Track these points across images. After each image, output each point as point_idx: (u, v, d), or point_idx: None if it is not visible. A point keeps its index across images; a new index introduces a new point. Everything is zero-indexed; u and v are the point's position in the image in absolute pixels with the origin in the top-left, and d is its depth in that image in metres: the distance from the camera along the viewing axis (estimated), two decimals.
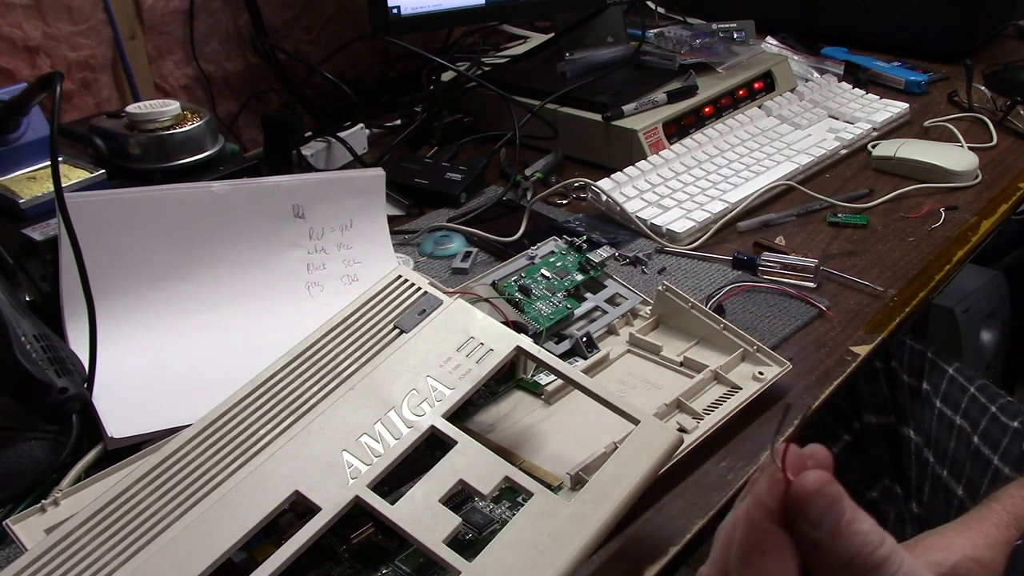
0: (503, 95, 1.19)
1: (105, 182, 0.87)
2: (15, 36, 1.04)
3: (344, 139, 1.19)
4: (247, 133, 1.30)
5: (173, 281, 0.83)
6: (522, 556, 0.56)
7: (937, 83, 1.43)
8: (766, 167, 1.13)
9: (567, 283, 0.88)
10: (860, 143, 1.22)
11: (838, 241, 1.02)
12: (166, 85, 1.21)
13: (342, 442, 0.61)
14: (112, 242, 0.80)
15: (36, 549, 0.54)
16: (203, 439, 0.61)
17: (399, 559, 0.63)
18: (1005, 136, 1.25)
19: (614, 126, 1.17)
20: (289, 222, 0.88)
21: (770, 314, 0.89)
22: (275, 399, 0.63)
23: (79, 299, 0.74)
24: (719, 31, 1.37)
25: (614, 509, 0.59)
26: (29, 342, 0.70)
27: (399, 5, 1.14)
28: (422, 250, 1.01)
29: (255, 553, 0.61)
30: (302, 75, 1.27)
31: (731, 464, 0.72)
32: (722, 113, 1.26)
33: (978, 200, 1.10)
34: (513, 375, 0.79)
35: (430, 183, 1.12)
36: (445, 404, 0.64)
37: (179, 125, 0.91)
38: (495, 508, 0.66)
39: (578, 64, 1.28)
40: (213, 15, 1.23)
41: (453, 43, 1.45)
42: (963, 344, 1.69)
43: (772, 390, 0.77)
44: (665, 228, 1.02)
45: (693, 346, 0.82)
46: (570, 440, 0.72)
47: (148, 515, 0.57)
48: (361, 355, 0.67)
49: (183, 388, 0.77)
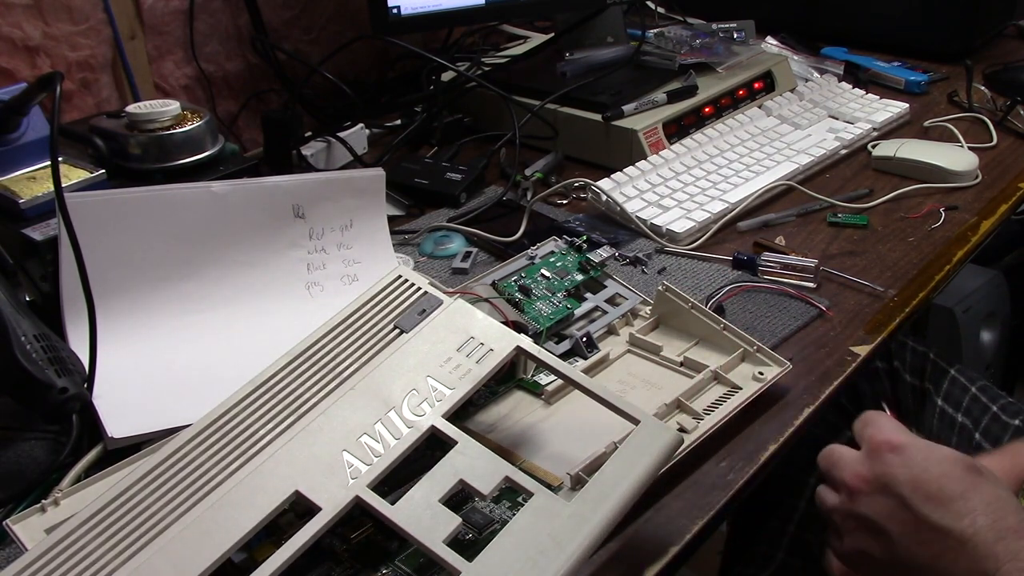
0: (503, 95, 1.19)
1: (105, 182, 0.87)
2: (15, 36, 1.04)
3: (344, 139, 1.19)
4: (247, 133, 1.30)
5: (173, 281, 0.83)
6: (522, 556, 0.56)
7: (937, 83, 1.43)
8: (766, 167, 1.13)
9: (567, 283, 0.88)
10: (860, 143, 1.22)
11: (838, 241, 1.02)
12: (166, 85, 1.21)
13: (342, 442, 0.61)
14: (112, 242, 0.80)
15: (36, 549, 0.54)
16: (203, 439, 0.61)
17: (399, 559, 0.63)
18: (1005, 136, 1.25)
19: (614, 126, 1.17)
20: (289, 222, 0.88)
21: (770, 314, 0.89)
22: (275, 399, 0.63)
23: (79, 299, 0.74)
24: (719, 31, 1.37)
25: (614, 509, 0.59)
26: (29, 342, 0.70)
27: (399, 5, 1.14)
28: (422, 250, 1.01)
29: (255, 553, 0.62)
30: (302, 75, 1.27)
31: (731, 464, 0.72)
32: (722, 113, 1.26)
33: (978, 200, 1.10)
34: (513, 375, 0.79)
35: (430, 183, 1.12)
36: (445, 404, 0.64)
37: (179, 125, 0.91)
38: (495, 508, 0.66)
39: (578, 64, 1.28)
40: (213, 15, 1.23)
41: (453, 43, 1.45)
42: (963, 344, 1.69)
43: (772, 390, 0.77)
44: (665, 228, 1.02)
45: (693, 346, 0.82)
46: (570, 440, 0.72)
47: (148, 515, 0.57)
48: (361, 355, 0.67)
49: (183, 388, 0.77)
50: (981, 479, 0.59)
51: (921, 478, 0.59)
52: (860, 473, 0.62)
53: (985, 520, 0.57)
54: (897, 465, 0.60)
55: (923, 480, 0.59)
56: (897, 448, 0.61)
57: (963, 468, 0.59)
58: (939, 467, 0.59)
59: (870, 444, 0.62)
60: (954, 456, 0.60)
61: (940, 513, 0.58)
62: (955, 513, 0.57)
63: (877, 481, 0.61)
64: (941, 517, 0.58)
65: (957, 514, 0.57)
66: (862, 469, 0.62)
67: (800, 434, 0.76)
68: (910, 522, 0.59)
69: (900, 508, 0.59)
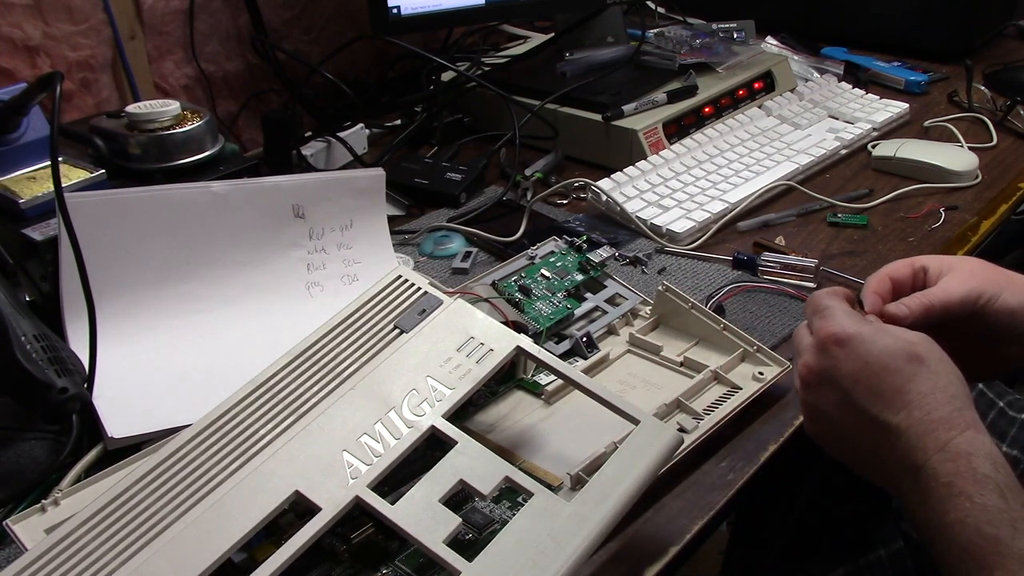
0: (503, 95, 1.19)
1: (105, 182, 0.87)
2: (15, 36, 1.04)
3: (344, 139, 1.19)
4: (247, 133, 1.30)
5: (173, 281, 0.83)
6: (522, 556, 0.56)
7: (937, 83, 1.43)
8: (766, 167, 1.13)
9: (567, 283, 0.88)
10: (860, 143, 1.22)
11: (838, 241, 1.02)
12: (166, 85, 1.21)
13: (342, 442, 0.61)
14: (112, 242, 0.80)
15: (36, 549, 0.54)
16: (203, 439, 0.61)
17: (399, 559, 0.63)
18: (1005, 136, 1.25)
19: (614, 126, 1.17)
20: (289, 222, 0.88)
21: (770, 314, 0.89)
22: (275, 399, 0.63)
23: (79, 299, 0.74)
24: (719, 31, 1.37)
25: (614, 509, 0.59)
26: (29, 342, 0.70)
27: (399, 5, 1.14)
28: (422, 250, 1.01)
29: (255, 553, 0.61)
30: (302, 75, 1.27)
31: (731, 464, 0.72)
32: (722, 113, 1.26)
33: (978, 200, 1.10)
34: (513, 375, 0.79)
35: (430, 183, 1.12)
36: (445, 404, 0.64)
37: (179, 125, 0.91)
38: (495, 508, 0.66)
39: (578, 64, 1.28)
40: (213, 15, 1.23)
41: (453, 43, 1.45)
42: None
43: (772, 390, 0.77)
44: (665, 228, 1.02)
45: (693, 346, 0.82)
46: (570, 440, 0.72)
47: (148, 515, 0.57)
48: (361, 355, 0.67)
49: (183, 388, 0.77)
50: (921, 368, 0.60)
51: (863, 372, 0.60)
52: (809, 364, 0.64)
53: (919, 413, 0.58)
54: (841, 359, 0.61)
55: (864, 374, 0.60)
56: (842, 341, 0.62)
57: (904, 359, 0.60)
58: (880, 360, 0.60)
59: (818, 335, 0.63)
60: (896, 347, 0.60)
61: (879, 407, 0.59)
62: (892, 407, 0.59)
63: (823, 374, 0.63)
64: (880, 411, 0.59)
65: (894, 408, 0.59)
66: (811, 360, 0.64)
67: (800, 434, 0.76)
68: (853, 413, 0.61)
69: (843, 401, 0.61)
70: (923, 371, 0.60)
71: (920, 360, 0.60)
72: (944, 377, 0.60)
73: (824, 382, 0.63)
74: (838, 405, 0.62)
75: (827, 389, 0.63)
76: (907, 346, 0.61)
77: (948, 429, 0.57)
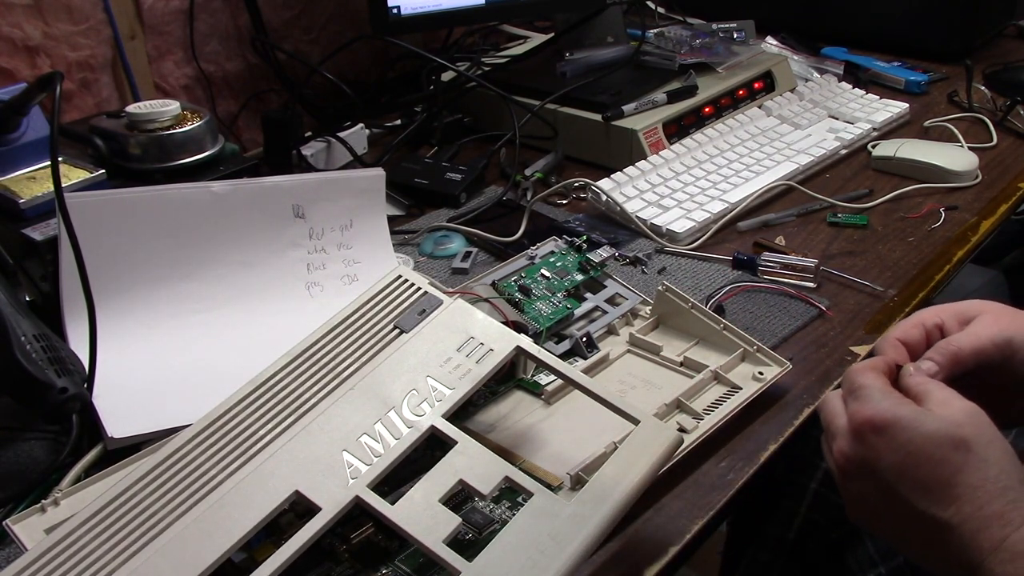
0: (503, 95, 1.19)
1: (105, 182, 0.87)
2: (15, 36, 1.04)
3: (344, 139, 1.19)
4: (247, 133, 1.30)
5: (173, 281, 0.83)
6: (522, 556, 0.56)
7: (937, 83, 1.43)
8: (766, 167, 1.13)
9: (567, 283, 0.88)
10: (860, 143, 1.22)
11: (838, 241, 1.02)
12: (166, 85, 1.21)
13: (342, 442, 0.61)
14: (112, 242, 0.80)
15: (36, 549, 0.54)
16: (203, 439, 0.61)
17: (399, 559, 0.63)
18: (1005, 136, 1.25)
19: (614, 126, 1.17)
20: (289, 222, 0.88)
21: (770, 314, 0.89)
22: (275, 399, 0.63)
23: (79, 299, 0.74)
24: (719, 31, 1.37)
25: (614, 509, 0.59)
26: (29, 342, 0.70)
27: (399, 5, 1.14)
28: (422, 250, 1.01)
29: (255, 553, 0.61)
30: (302, 75, 1.27)
31: (731, 464, 0.72)
32: (722, 113, 1.26)
33: (978, 200, 1.10)
34: (513, 375, 0.79)
35: (430, 183, 1.12)
36: (445, 404, 0.64)
37: (179, 125, 0.91)
38: (495, 508, 0.66)
39: (578, 64, 1.28)
40: (213, 15, 1.23)
41: (453, 43, 1.45)
42: None
43: (772, 390, 0.77)
44: (665, 228, 1.02)
45: (693, 346, 0.82)
46: (570, 440, 0.72)
47: (148, 515, 0.57)
48: (361, 355, 0.67)
49: (183, 388, 0.77)
50: (969, 457, 0.56)
51: (905, 464, 0.57)
52: (845, 452, 0.59)
53: (970, 508, 0.55)
54: (880, 448, 0.58)
55: (907, 466, 0.56)
56: (879, 428, 0.57)
57: (950, 447, 0.56)
58: (924, 450, 0.56)
59: (853, 420, 0.59)
60: (941, 433, 0.56)
61: (927, 502, 0.56)
62: (941, 502, 0.56)
63: (863, 465, 0.59)
64: (928, 507, 0.56)
65: (943, 503, 0.55)
66: (847, 448, 0.59)
67: (800, 434, 0.76)
68: (898, 506, 0.57)
69: (887, 495, 0.58)
70: (971, 460, 0.56)
71: (968, 447, 0.56)
72: (995, 466, 0.56)
73: (865, 474, 0.59)
74: (882, 498, 0.58)
75: (868, 481, 0.59)
76: (952, 429, 0.56)
77: (1003, 526, 0.54)
